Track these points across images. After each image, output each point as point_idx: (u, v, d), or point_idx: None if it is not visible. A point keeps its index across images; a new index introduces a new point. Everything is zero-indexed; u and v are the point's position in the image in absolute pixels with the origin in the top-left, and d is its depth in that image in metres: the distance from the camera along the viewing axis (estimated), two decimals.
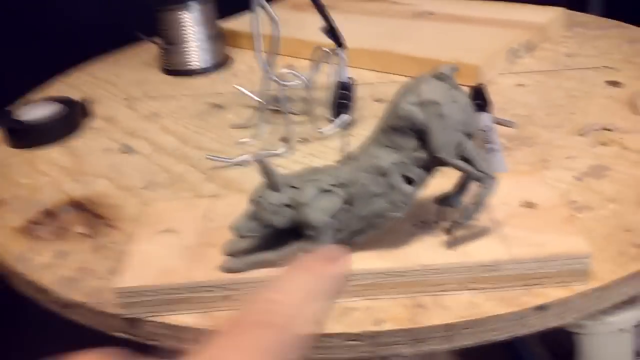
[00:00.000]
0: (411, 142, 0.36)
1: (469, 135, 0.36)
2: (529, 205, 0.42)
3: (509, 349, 1.13)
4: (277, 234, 0.38)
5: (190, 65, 0.79)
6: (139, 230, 0.44)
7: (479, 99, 0.59)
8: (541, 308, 0.38)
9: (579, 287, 0.38)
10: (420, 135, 0.36)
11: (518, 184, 0.44)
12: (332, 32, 0.56)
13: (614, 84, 0.66)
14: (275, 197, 0.36)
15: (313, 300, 0.27)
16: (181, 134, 0.64)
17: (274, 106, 0.63)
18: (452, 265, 0.38)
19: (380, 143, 0.37)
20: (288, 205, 0.36)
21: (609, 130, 0.57)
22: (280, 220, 0.37)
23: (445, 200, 0.40)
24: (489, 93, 0.61)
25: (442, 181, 0.40)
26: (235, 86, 0.65)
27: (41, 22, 0.96)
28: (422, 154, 0.36)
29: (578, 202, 0.47)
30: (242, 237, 0.37)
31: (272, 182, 0.37)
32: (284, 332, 0.25)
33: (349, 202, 0.37)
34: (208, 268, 0.39)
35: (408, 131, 0.36)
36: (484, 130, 0.55)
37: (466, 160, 0.37)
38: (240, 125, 0.64)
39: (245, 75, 0.79)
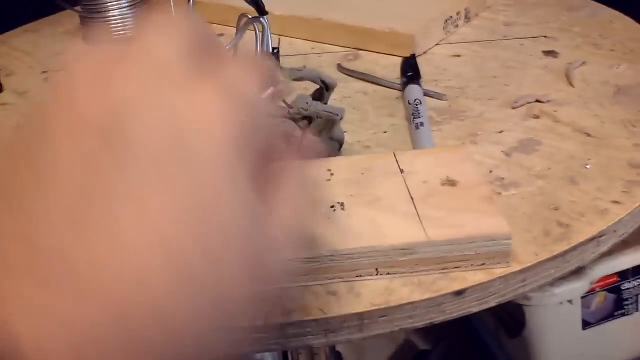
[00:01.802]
0: None
1: None
2: (451, 183, 0.40)
3: (461, 318, 1.14)
4: None
5: (112, 34, 0.74)
6: None
7: (410, 70, 0.57)
8: (459, 293, 0.36)
9: (499, 270, 0.37)
10: None
11: (441, 160, 0.42)
12: None
13: (551, 53, 0.64)
14: None
15: None
16: None
17: None
18: (365, 250, 0.35)
19: None
20: None
21: (542, 102, 0.55)
22: None
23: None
24: (418, 64, 0.59)
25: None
26: None
27: None
28: None
29: (505, 179, 0.45)
30: None
31: None
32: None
33: None
34: None
35: None
36: (413, 104, 0.53)
37: None
38: None
39: None
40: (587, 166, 0.46)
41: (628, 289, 0.91)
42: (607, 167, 0.46)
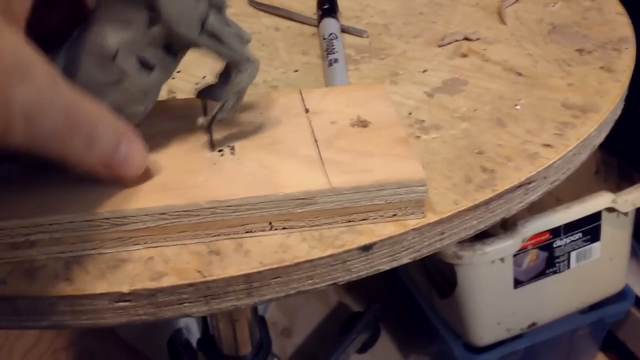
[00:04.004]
0: (141, 14, 0.28)
1: (218, 9, 0.29)
2: (362, 124, 0.35)
3: (394, 279, 1.10)
4: None
5: None
6: None
7: (326, 3, 0.51)
8: (366, 249, 0.30)
9: (413, 222, 0.31)
10: (151, 3, 0.28)
11: (353, 99, 0.37)
12: None
13: None
14: None
15: None
16: None
17: None
18: (255, 200, 0.29)
19: (104, 18, 0.28)
20: None
21: (471, 40, 0.50)
22: None
23: (207, 92, 0.32)
24: None
25: None
26: None
27: None
28: (157, 30, 0.28)
29: (425, 122, 0.40)
30: None
31: None
32: None
33: None
34: None
35: None
36: (328, 39, 0.47)
37: (216, 39, 0.30)
38: None
39: None
40: (517, 107, 0.41)
41: (560, 246, 0.88)
42: (539, 108, 0.41)
